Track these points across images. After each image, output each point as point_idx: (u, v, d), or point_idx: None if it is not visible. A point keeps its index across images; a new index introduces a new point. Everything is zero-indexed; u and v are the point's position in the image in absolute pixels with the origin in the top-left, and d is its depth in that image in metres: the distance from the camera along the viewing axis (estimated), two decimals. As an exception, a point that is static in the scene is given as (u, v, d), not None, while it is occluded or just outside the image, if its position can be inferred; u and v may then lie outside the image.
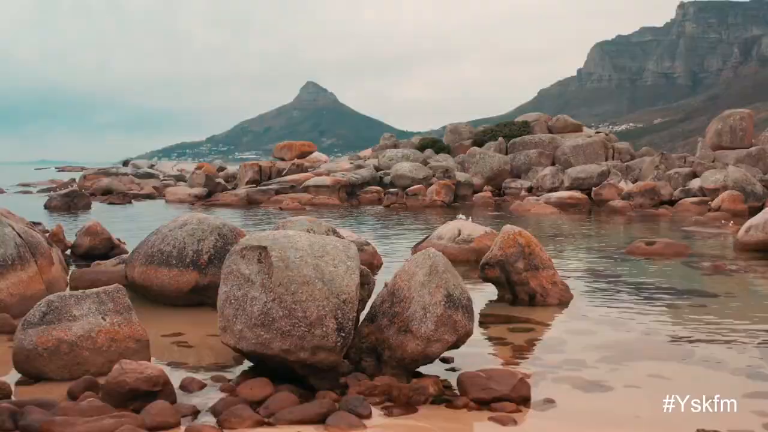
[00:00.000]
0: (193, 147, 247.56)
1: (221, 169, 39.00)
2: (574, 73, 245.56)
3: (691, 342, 6.80)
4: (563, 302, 8.63)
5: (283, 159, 40.65)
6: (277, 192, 27.14)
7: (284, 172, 30.14)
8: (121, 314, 6.10)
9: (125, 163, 50.20)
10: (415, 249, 12.89)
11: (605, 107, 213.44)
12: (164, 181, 36.70)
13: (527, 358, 6.24)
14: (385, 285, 5.99)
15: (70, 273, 9.98)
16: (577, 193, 25.79)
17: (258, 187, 27.56)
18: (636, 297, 9.24)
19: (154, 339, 6.90)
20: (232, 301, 5.37)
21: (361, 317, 6.01)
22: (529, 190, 31.36)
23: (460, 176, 30.20)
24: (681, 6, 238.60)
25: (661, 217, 22.22)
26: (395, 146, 37.61)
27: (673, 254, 12.92)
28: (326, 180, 27.20)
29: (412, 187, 25.88)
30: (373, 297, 6.10)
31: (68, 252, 12.62)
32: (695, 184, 25.98)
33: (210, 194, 29.07)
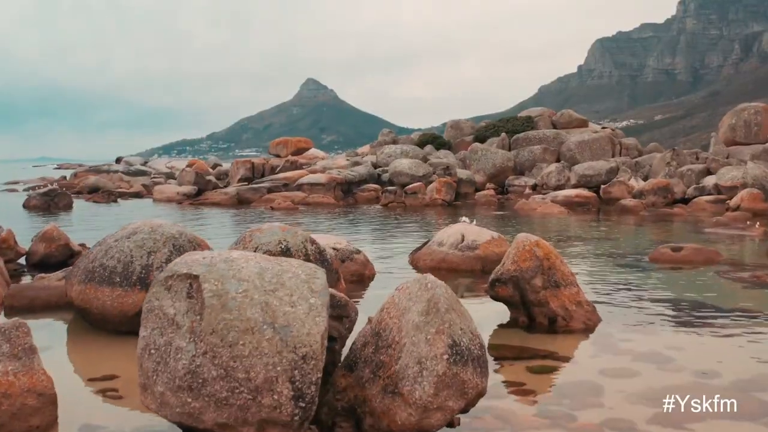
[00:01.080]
0: (194, 144, 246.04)
1: (216, 166, 37.50)
2: (575, 70, 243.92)
3: (764, 386, 5.27)
4: (590, 327, 7.08)
5: (279, 156, 39.18)
6: (270, 190, 25.58)
7: (278, 169, 28.59)
8: (20, 359, 4.55)
9: (118, 161, 48.63)
10: (413, 257, 11.35)
11: (606, 104, 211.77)
12: (154, 179, 35.14)
13: (555, 416, 4.69)
14: (369, 321, 4.47)
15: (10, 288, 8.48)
16: (585, 191, 24.21)
17: (249, 185, 25.99)
18: (674, 320, 7.70)
19: (74, 387, 5.37)
20: (152, 351, 3.82)
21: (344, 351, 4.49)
22: (534, 187, 29.82)
23: (462, 173, 28.66)
24: (681, 2, 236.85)
25: (676, 216, 20.66)
26: (394, 142, 36.05)
27: (703, 262, 11.37)
28: (321, 178, 25.64)
29: (411, 185, 24.35)
30: (362, 326, 4.58)
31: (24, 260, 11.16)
32: (710, 181, 24.40)
33: (200, 192, 27.53)
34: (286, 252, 6.68)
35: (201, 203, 25.23)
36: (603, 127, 36.61)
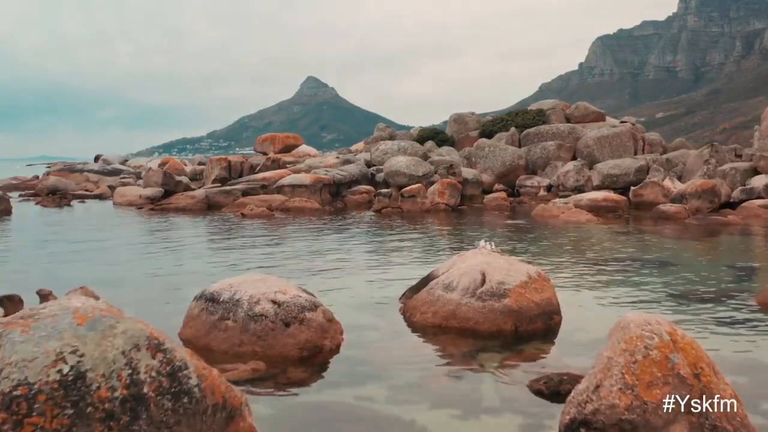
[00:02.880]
0: (194, 142, 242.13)
1: (201, 164, 33.27)
2: (576, 68, 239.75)
3: None
4: None
5: (265, 153, 35.22)
6: (245, 193, 21.58)
7: (257, 168, 24.59)
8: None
9: (96, 158, 44.64)
10: (406, 305, 7.37)
11: (607, 102, 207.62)
12: (123, 179, 31.11)
13: None
14: None
15: None
16: (613, 194, 20.16)
17: (221, 188, 21.95)
18: None
19: None
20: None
21: None
22: (549, 188, 25.83)
23: (467, 173, 24.67)
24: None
25: (731, 227, 16.61)
26: (391, 138, 32.03)
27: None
28: (304, 178, 21.63)
29: (409, 187, 20.32)
30: None
31: None
32: (759, 182, 20.40)
33: (170, 194, 23.55)
34: (74, 382, 2.67)
35: (164, 208, 21.23)
36: (621, 121, 32.59)
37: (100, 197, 26.62)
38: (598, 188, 22.94)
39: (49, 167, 41.57)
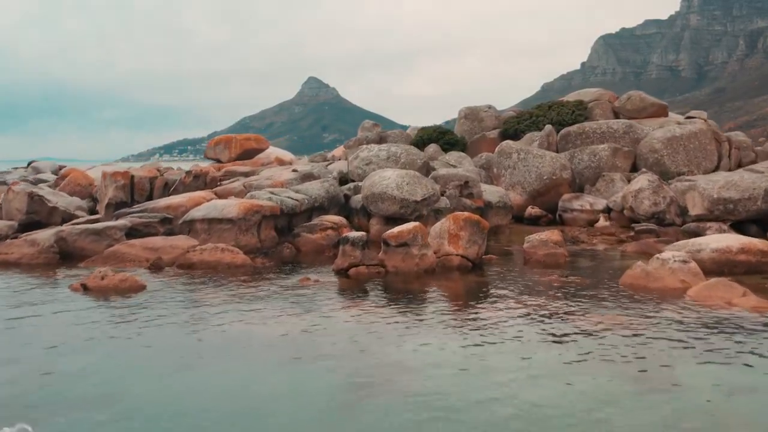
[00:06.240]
0: (195, 143, 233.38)
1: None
2: (578, 67, 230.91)
3: None
4: None
5: (220, 161, 26.34)
6: (131, 233, 12.69)
7: (172, 187, 15.67)
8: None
9: (30, 165, 35.91)
10: None
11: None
12: None
13: None
14: None
15: None
16: (756, 242, 11.10)
17: (87, 226, 12.84)
18: None
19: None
20: None
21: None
22: (608, 213, 16.99)
23: (490, 193, 15.86)
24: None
25: None
26: (381, 141, 23.13)
27: None
28: (229, 208, 12.68)
29: (397, 231, 11.11)
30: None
31: None
32: None
33: (35, 226, 14.70)
34: None
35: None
36: (686, 117, 23.63)
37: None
38: (700, 219, 14.05)
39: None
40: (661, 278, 9.44)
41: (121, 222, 12.62)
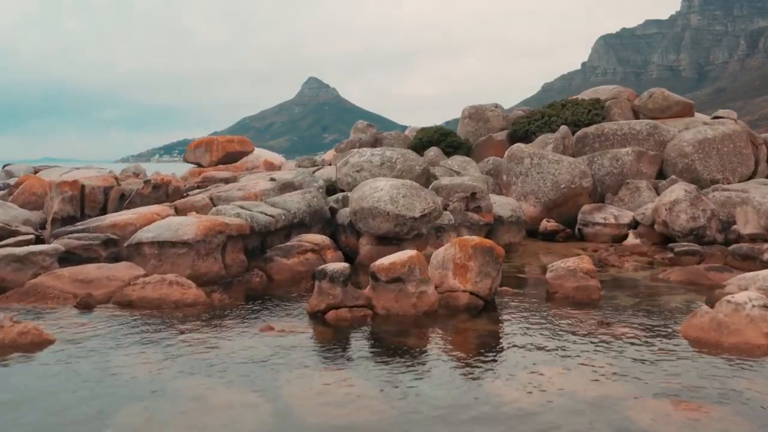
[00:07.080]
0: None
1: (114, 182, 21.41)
2: (579, 67, 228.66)
3: None
4: None
5: (200, 165, 23.98)
6: (67, 258, 10.28)
7: (127, 200, 13.24)
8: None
9: (4, 168, 33.49)
10: None
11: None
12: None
13: None
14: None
15: None
16: None
17: (11, 250, 10.38)
18: None
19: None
20: None
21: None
22: (635, 228, 14.57)
23: (500, 205, 13.45)
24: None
25: None
26: (376, 143, 20.73)
27: None
28: (186, 228, 10.28)
29: (389, 262, 8.54)
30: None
31: None
32: None
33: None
34: None
35: None
36: (714, 117, 21.18)
37: None
38: (754, 238, 11.66)
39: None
40: (739, 331, 7.01)
41: (51, 246, 10.17)
